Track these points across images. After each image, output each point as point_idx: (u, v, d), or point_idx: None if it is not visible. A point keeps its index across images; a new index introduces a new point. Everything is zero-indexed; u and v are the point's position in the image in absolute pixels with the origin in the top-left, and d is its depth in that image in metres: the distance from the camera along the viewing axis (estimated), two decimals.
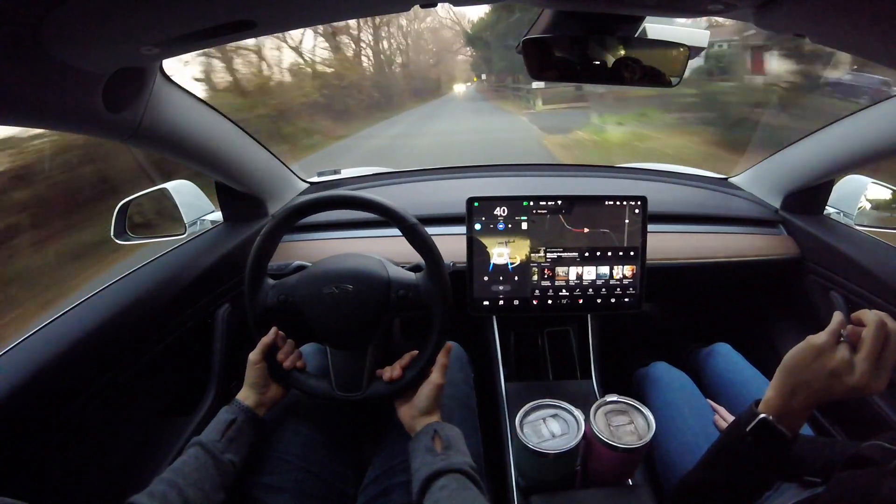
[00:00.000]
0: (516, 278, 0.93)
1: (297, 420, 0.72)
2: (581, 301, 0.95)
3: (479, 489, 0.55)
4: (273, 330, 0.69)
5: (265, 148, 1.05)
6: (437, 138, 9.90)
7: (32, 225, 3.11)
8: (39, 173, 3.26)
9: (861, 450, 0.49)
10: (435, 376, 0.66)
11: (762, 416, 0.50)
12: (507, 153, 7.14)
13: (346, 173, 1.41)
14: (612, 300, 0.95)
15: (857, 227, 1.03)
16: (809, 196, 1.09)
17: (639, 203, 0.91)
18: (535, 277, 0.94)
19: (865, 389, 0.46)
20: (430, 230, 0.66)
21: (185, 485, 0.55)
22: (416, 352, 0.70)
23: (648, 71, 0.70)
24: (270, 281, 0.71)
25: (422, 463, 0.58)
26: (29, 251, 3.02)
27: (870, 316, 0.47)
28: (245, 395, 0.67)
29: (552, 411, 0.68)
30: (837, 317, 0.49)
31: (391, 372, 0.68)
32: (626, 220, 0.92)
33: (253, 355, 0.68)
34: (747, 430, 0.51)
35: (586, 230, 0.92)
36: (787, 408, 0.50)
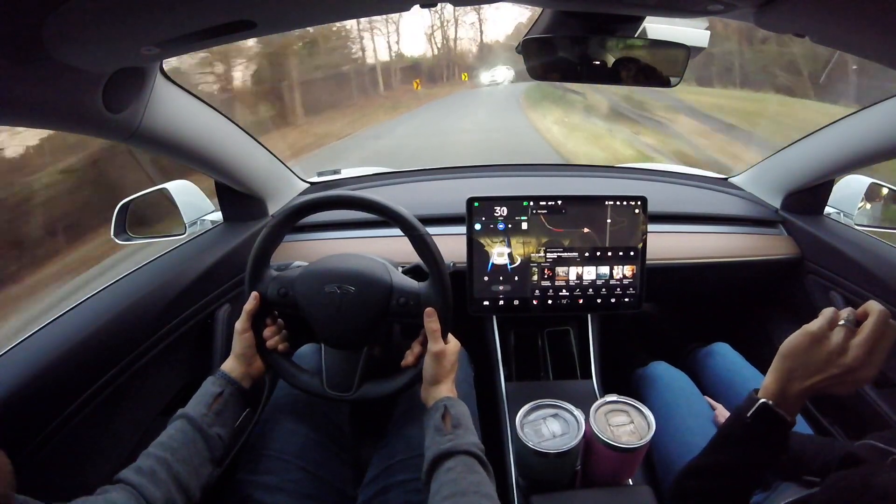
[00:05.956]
0: (516, 278, 0.93)
1: (295, 420, 0.72)
2: (581, 301, 0.95)
3: (486, 470, 0.55)
4: (255, 296, 0.68)
5: (265, 148, 1.05)
6: None
7: None
8: None
9: (854, 449, 0.50)
10: (431, 344, 0.65)
11: (762, 400, 0.52)
12: None
13: (346, 173, 1.41)
14: (612, 300, 0.95)
15: (857, 227, 1.03)
16: (809, 196, 1.09)
17: (639, 203, 0.91)
18: (535, 277, 0.94)
19: (856, 373, 0.48)
20: (430, 230, 0.66)
21: (174, 460, 0.54)
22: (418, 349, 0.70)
23: (648, 71, 0.70)
24: (273, 272, 0.70)
25: (431, 442, 0.58)
26: None
27: (875, 308, 0.49)
28: (231, 367, 0.66)
29: (552, 411, 0.68)
30: (828, 310, 0.51)
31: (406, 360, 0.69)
32: (626, 220, 0.92)
33: (239, 324, 0.68)
34: (748, 415, 0.52)
35: (586, 230, 0.92)
36: (785, 393, 0.52)
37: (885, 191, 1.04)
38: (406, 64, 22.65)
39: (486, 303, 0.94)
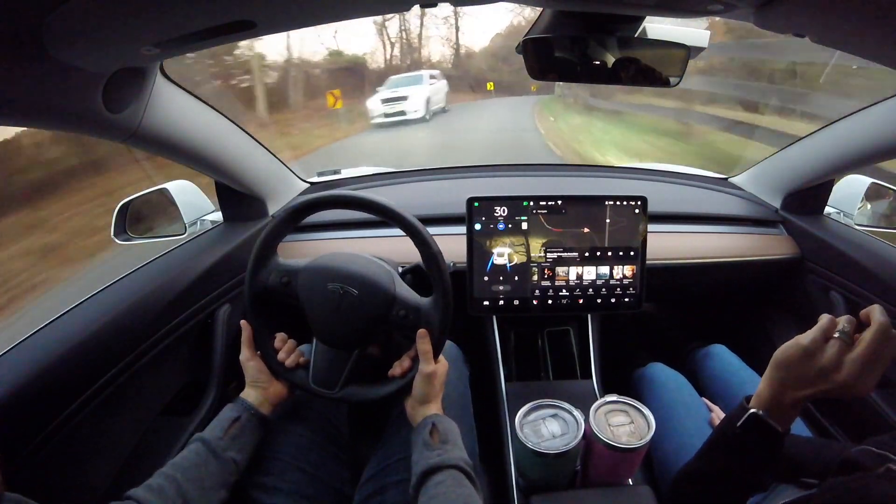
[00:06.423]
0: (516, 278, 0.93)
1: (293, 421, 0.73)
2: (581, 301, 0.95)
3: (473, 485, 0.55)
4: (245, 324, 0.70)
5: (265, 148, 1.05)
6: None
7: None
8: None
9: (851, 455, 0.49)
10: (422, 366, 0.65)
11: (752, 410, 0.51)
12: None
13: (346, 173, 1.41)
14: (612, 300, 0.95)
15: (857, 227, 1.03)
16: (809, 196, 1.09)
17: (639, 203, 0.91)
18: (535, 277, 0.94)
19: (852, 389, 0.46)
20: (430, 230, 0.66)
21: (184, 480, 0.55)
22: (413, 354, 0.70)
23: (648, 71, 0.70)
24: (279, 259, 0.70)
25: (419, 457, 0.59)
26: None
27: (878, 317, 0.46)
28: (247, 393, 0.68)
29: (552, 411, 0.68)
30: (824, 318, 0.49)
31: (398, 368, 0.69)
32: (626, 220, 0.92)
33: (241, 355, 0.69)
34: (738, 424, 0.51)
35: (586, 230, 0.92)
36: (778, 402, 0.50)
37: (885, 191, 1.04)
38: (338, 65, 13.19)
39: (486, 303, 0.94)
